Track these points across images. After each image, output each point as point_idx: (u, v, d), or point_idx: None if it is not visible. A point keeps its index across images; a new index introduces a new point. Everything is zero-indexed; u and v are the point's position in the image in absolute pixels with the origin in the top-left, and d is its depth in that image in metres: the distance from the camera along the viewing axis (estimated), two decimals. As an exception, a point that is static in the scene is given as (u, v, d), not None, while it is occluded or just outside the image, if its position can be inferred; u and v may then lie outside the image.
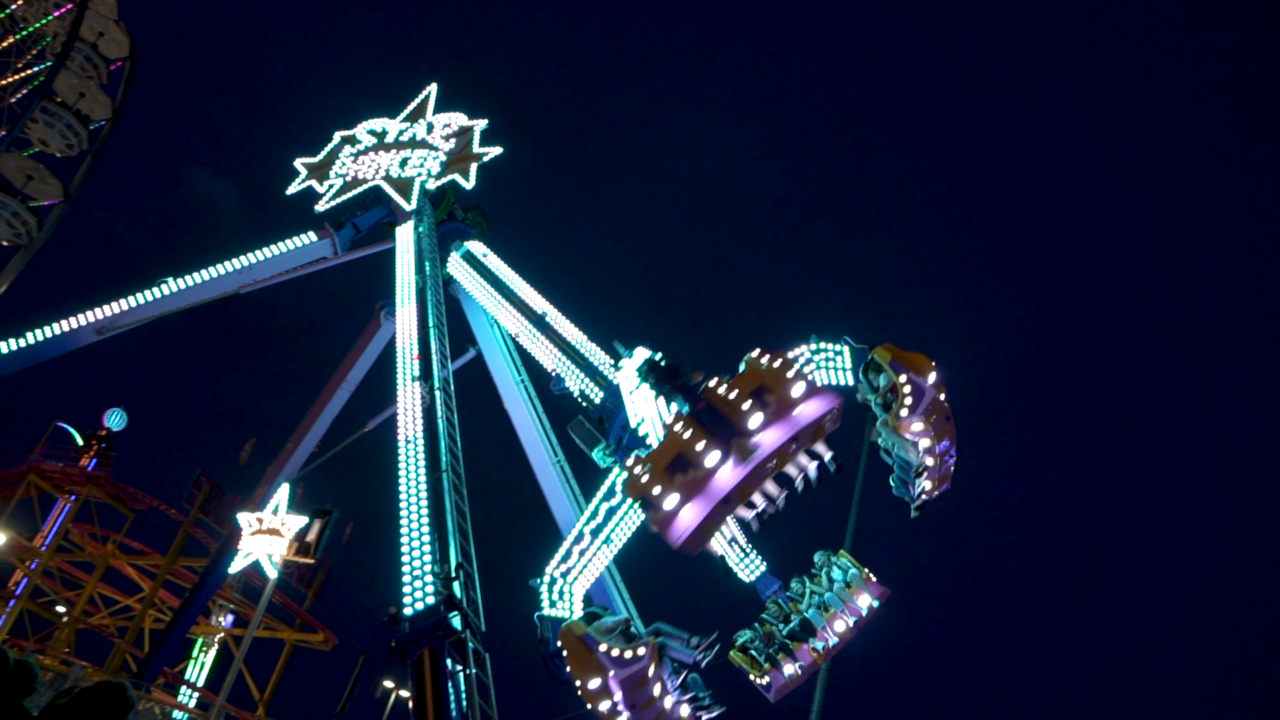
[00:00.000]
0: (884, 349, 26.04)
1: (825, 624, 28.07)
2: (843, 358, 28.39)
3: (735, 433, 19.78)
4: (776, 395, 20.54)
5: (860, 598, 27.70)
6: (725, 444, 19.61)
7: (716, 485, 19.43)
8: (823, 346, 28.65)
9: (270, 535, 25.16)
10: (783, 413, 20.47)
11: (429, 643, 19.64)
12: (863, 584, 27.87)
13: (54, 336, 32.43)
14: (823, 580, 28.83)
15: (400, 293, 31.13)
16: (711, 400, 20.62)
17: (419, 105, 38.63)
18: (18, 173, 50.99)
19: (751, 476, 19.50)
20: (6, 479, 58.37)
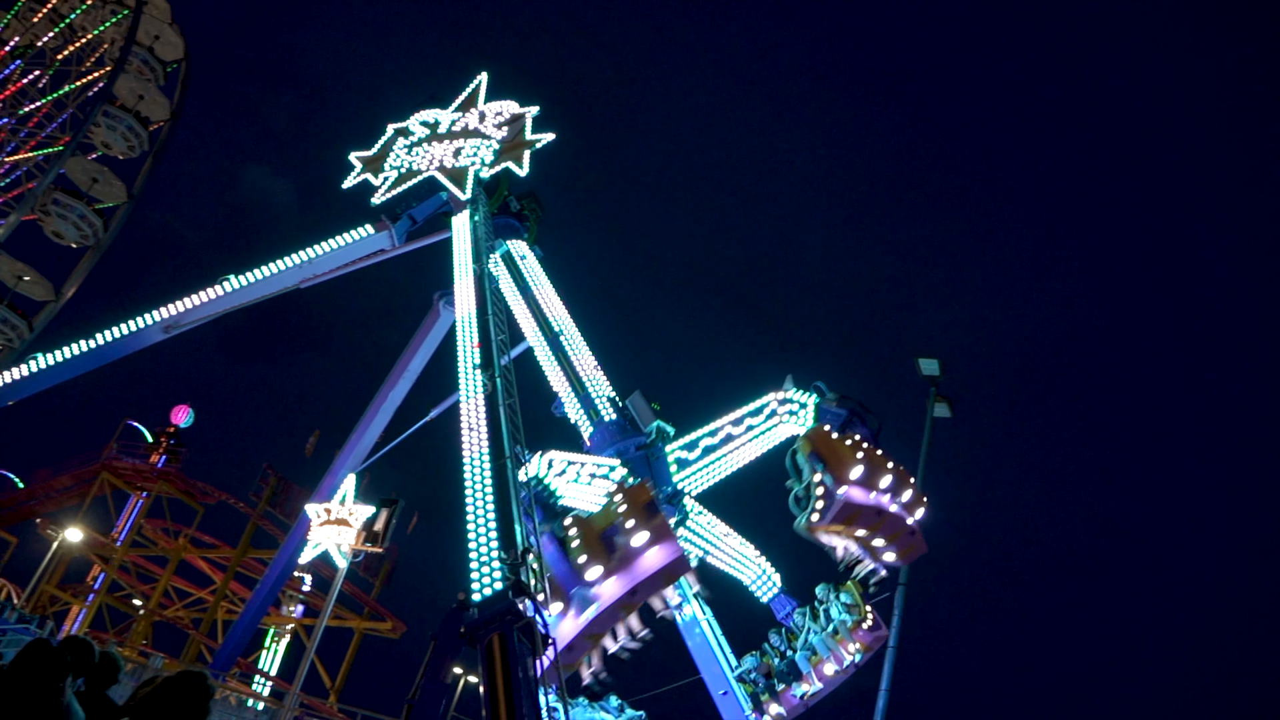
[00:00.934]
0: (807, 440, 25.86)
1: (811, 669, 27.94)
2: (806, 411, 28.36)
3: (577, 583, 21.30)
4: (621, 545, 21.41)
5: (846, 647, 27.57)
6: (565, 596, 21.24)
7: (560, 634, 21.20)
8: (790, 397, 28.58)
9: (339, 525, 25.54)
10: (623, 565, 21.31)
11: (498, 627, 19.76)
12: (849, 634, 27.68)
13: (123, 336, 33.04)
14: (820, 618, 28.63)
15: (458, 282, 31.31)
16: (561, 544, 21.36)
17: (470, 95, 38.75)
18: (83, 176, 52.05)
19: (592, 626, 20.83)
20: (82, 477, 59.69)
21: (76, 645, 8.60)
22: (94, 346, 32.82)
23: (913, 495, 26.37)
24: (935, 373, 27.65)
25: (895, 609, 28.83)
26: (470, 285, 29.93)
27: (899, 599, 27.59)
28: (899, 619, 28.23)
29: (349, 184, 38.16)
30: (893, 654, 27.68)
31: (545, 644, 19.95)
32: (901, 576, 27.42)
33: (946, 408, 27.96)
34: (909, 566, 27.43)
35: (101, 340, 32.97)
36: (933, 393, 27.44)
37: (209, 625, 57.32)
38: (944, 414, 28.42)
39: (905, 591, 29.78)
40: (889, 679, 26.86)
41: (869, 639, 27.80)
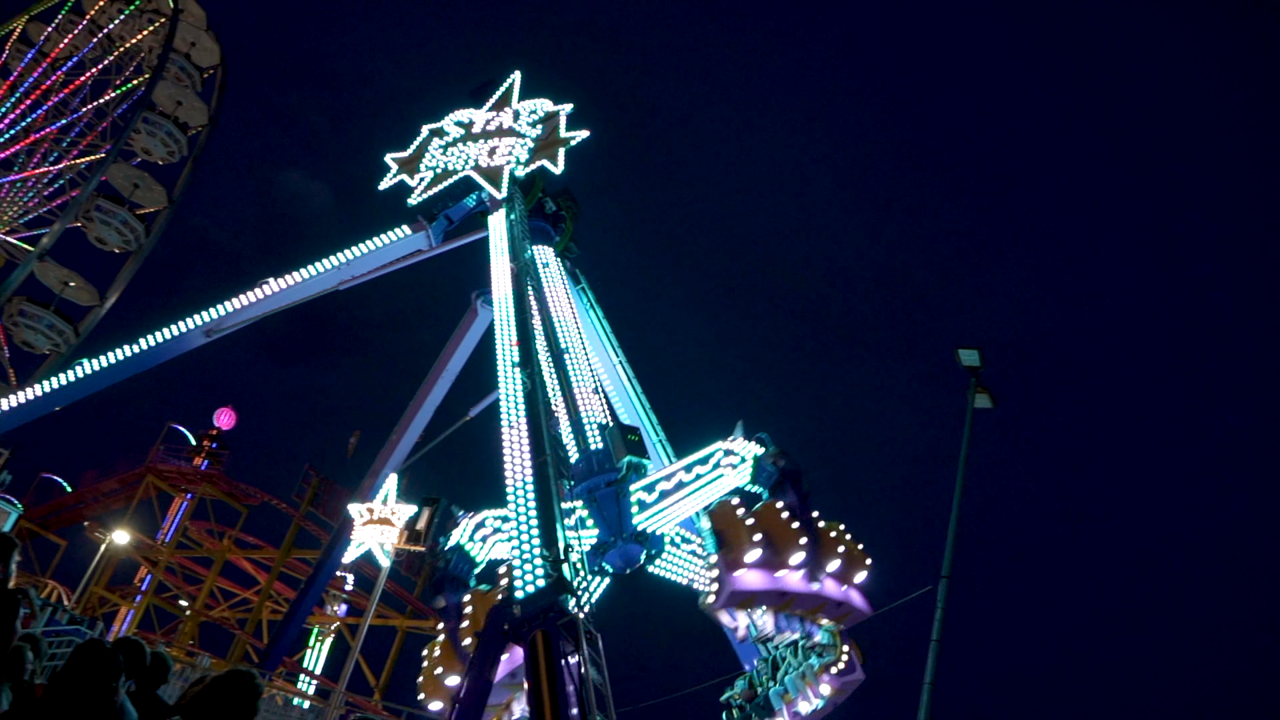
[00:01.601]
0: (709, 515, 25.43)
1: (783, 707, 27.52)
2: (746, 465, 27.91)
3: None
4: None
5: (816, 689, 27.17)
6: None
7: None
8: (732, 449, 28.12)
9: (382, 525, 25.69)
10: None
11: (541, 625, 19.85)
12: (815, 677, 27.20)
13: (166, 341, 33.42)
14: (798, 654, 28.07)
15: (496, 280, 31.41)
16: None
17: (504, 94, 38.85)
18: (125, 182, 52.71)
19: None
20: (127, 480, 60.42)
21: (129, 646, 8.70)
22: (137, 351, 33.21)
23: (843, 564, 25.64)
24: (975, 363, 27.31)
25: (938, 600, 28.59)
26: (508, 283, 30.01)
27: (941, 591, 27.36)
28: (941, 611, 27.97)
29: (385, 185, 38.33)
30: (935, 647, 27.41)
31: (589, 640, 20.02)
32: (944, 569, 27.22)
33: (988, 398, 27.63)
34: (951, 557, 27.15)
35: (145, 345, 33.36)
36: (973, 383, 27.12)
37: (254, 625, 57.83)
38: (985, 405, 28.08)
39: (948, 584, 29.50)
40: (932, 672, 26.62)
41: (838, 683, 26.92)
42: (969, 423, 27.67)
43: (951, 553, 27.73)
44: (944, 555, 28.30)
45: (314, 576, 37.84)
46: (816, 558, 25.25)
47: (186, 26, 57.07)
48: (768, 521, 25.17)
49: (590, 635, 20.58)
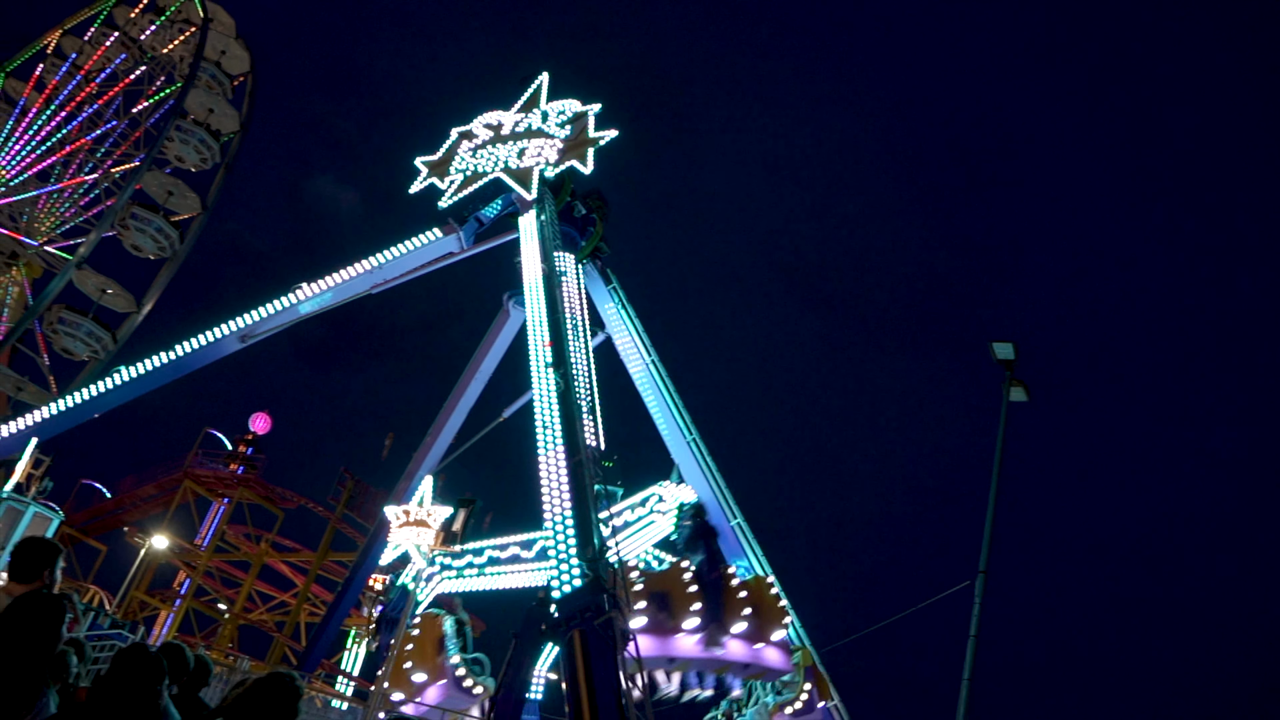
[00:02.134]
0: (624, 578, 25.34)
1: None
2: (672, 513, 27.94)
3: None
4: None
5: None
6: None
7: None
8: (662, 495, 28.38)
9: (418, 527, 25.73)
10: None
11: (579, 624, 19.90)
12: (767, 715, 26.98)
13: (201, 347, 33.72)
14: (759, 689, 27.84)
15: (528, 281, 31.45)
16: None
17: (532, 95, 38.88)
18: (159, 190, 53.22)
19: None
20: (165, 486, 61.03)
21: (172, 650, 8.79)
22: (174, 358, 33.54)
23: (753, 624, 25.19)
24: (1010, 356, 27.03)
25: (976, 596, 28.35)
26: (540, 284, 30.05)
27: (979, 586, 27.13)
28: (979, 607, 27.73)
29: (416, 188, 38.47)
30: (973, 643, 27.18)
31: (625, 639, 20.04)
32: (981, 564, 27.00)
33: (1023, 391, 27.36)
34: (988, 552, 26.89)
35: (181, 351, 33.67)
36: (1008, 377, 26.87)
37: (292, 628, 58.28)
38: (1020, 398, 27.82)
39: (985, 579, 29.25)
40: (970, 668, 26.41)
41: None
42: (1004, 416, 27.43)
43: (988, 547, 27.52)
44: (980, 550, 28.11)
45: (350, 579, 38.02)
46: (720, 619, 24.76)
47: (216, 35, 57.57)
48: (666, 584, 24.72)
49: (626, 635, 20.61)
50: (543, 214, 33.86)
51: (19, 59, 62.28)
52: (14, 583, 9.20)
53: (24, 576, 9.10)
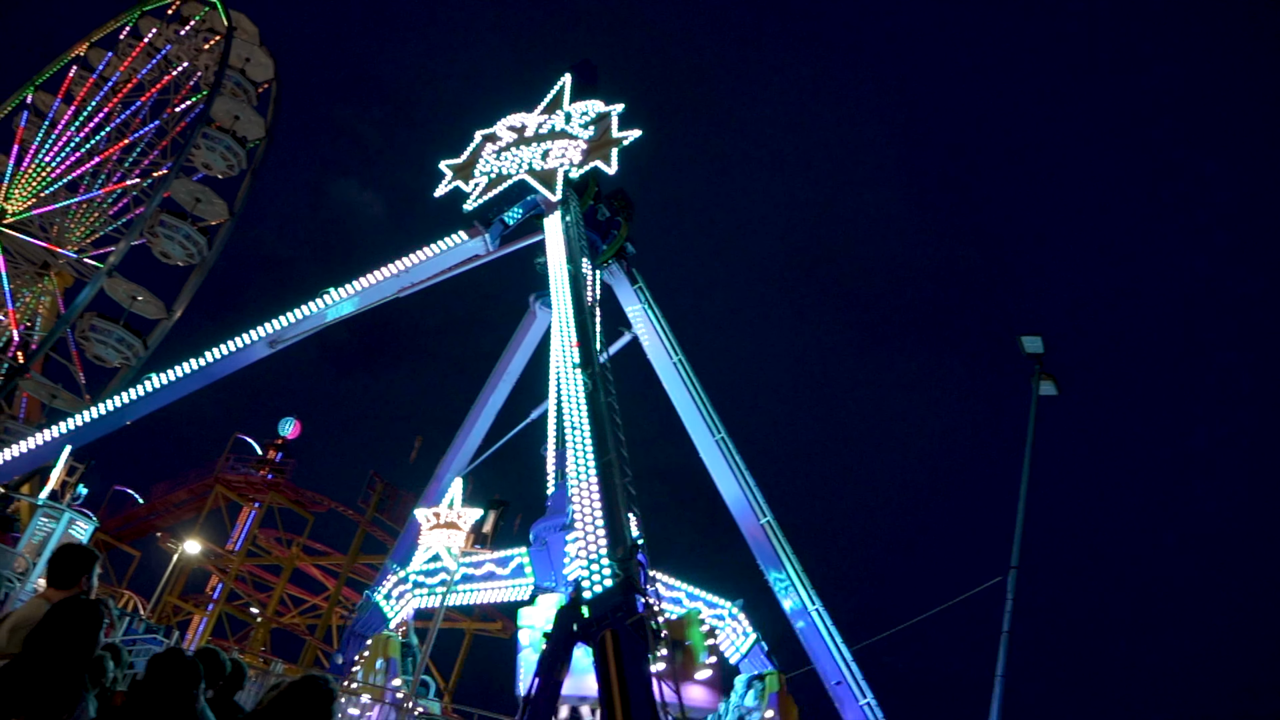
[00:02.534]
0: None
1: None
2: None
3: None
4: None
5: None
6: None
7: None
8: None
9: (448, 529, 25.88)
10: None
11: (610, 624, 19.87)
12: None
13: (231, 353, 33.93)
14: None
15: (554, 283, 31.48)
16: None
17: (555, 97, 38.92)
18: (187, 197, 53.71)
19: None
20: (197, 491, 61.60)
21: (207, 655, 8.88)
22: (204, 364, 33.77)
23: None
24: (1039, 349, 26.84)
25: (1008, 592, 28.19)
26: (566, 285, 30.06)
27: (1011, 582, 26.96)
28: (1011, 603, 27.57)
29: (440, 192, 38.58)
30: (1006, 639, 27.02)
31: (658, 639, 20.01)
32: (1012, 559, 26.82)
33: (1053, 385, 27.17)
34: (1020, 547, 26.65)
35: (210, 358, 33.90)
36: (1037, 370, 26.69)
37: (324, 631, 58.70)
38: (1050, 391, 27.62)
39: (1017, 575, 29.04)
40: (1004, 665, 26.26)
41: None
42: (1034, 410, 27.26)
43: (1019, 542, 27.37)
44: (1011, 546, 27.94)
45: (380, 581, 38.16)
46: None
47: (240, 43, 57.98)
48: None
49: (658, 634, 20.59)
50: (568, 215, 33.89)
51: (47, 72, 62.98)
52: (52, 588, 9.34)
53: (63, 582, 9.26)
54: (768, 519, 31.97)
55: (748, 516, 32.04)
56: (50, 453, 32.89)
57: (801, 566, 31.51)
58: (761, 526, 31.84)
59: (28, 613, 8.81)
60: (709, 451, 33.13)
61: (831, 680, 29.89)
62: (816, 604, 31.06)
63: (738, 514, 32.57)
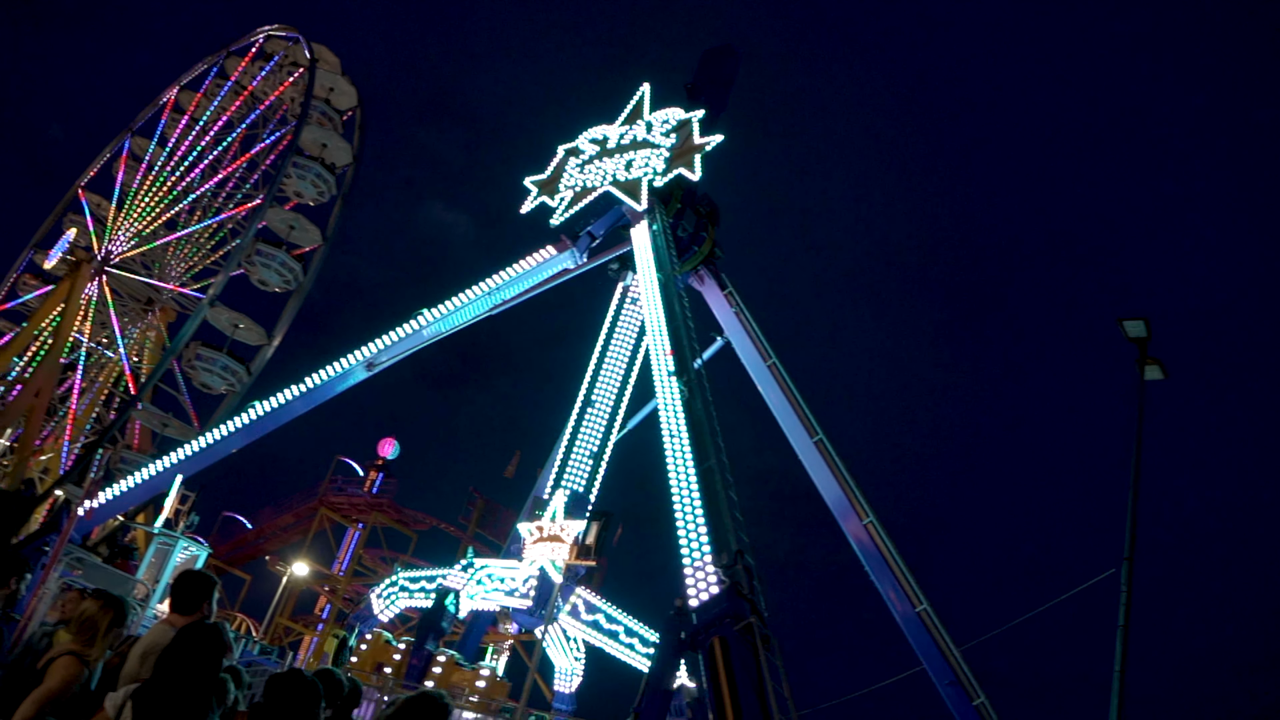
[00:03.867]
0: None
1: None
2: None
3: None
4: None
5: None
6: None
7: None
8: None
9: (552, 542, 26.01)
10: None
11: (718, 631, 19.79)
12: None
13: (331, 377, 34.55)
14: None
15: (644, 293, 31.51)
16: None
17: (635, 107, 38.96)
18: (281, 225, 55.10)
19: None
20: (302, 514, 62.88)
21: (325, 674, 8.99)
22: (306, 389, 34.45)
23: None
24: (1142, 334, 26.04)
25: (1123, 584, 27.42)
26: (657, 294, 30.06)
27: (1124, 574, 26.22)
28: (1126, 595, 26.79)
29: (527, 208, 38.83)
30: (1123, 634, 26.28)
31: (767, 643, 19.87)
32: (1125, 550, 26.06)
33: (1159, 369, 26.31)
34: (1132, 538, 25.81)
35: (311, 383, 34.56)
36: (1142, 355, 25.93)
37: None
38: (1156, 376, 26.76)
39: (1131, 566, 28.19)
40: (1121, 660, 25.55)
41: None
42: (1141, 396, 26.48)
43: (1132, 533, 26.54)
44: (1125, 536, 27.13)
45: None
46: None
47: (323, 73, 59.32)
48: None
49: (767, 639, 20.44)
50: (654, 224, 33.90)
51: (142, 117, 65.32)
52: (176, 614, 9.57)
53: (185, 608, 9.50)
54: (870, 519, 31.52)
55: (850, 517, 31.63)
56: (163, 482, 33.84)
57: (907, 566, 31.02)
58: (865, 527, 31.40)
59: (155, 638, 9.02)
60: (808, 454, 32.76)
61: (943, 680, 29.33)
62: (924, 603, 30.53)
63: (840, 515, 32.15)
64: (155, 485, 34.38)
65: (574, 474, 33.38)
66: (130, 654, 9.41)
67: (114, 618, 8.82)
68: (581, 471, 33.49)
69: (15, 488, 45.62)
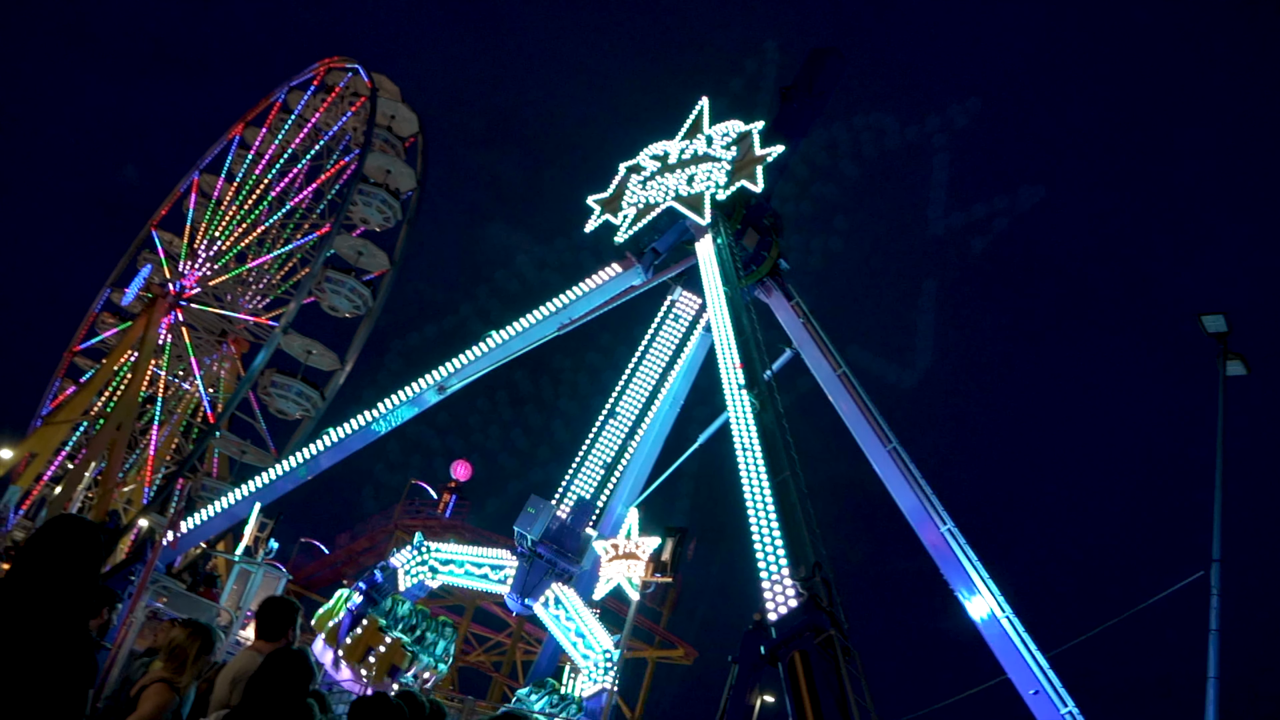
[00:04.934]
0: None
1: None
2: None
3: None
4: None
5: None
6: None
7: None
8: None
9: (627, 559, 25.94)
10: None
11: (798, 645, 19.63)
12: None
13: (404, 402, 34.86)
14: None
15: (711, 305, 31.46)
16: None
17: (694, 121, 38.96)
18: (349, 251, 56.11)
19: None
20: (377, 539, 63.50)
21: (408, 697, 9.10)
22: (381, 414, 34.80)
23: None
24: (1222, 329, 25.43)
25: (1212, 587, 26.70)
26: (724, 307, 29.98)
27: (1214, 576, 25.53)
28: (1217, 599, 26.11)
29: (590, 227, 38.95)
30: (1215, 638, 25.59)
31: (848, 656, 19.68)
32: (1214, 551, 25.40)
33: (1240, 364, 25.64)
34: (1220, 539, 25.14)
35: (383, 408, 34.91)
36: (1222, 350, 25.31)
37: (509, 667, 59.60)
38: (1239, 371, 26.08)
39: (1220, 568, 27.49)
40: (1215, 665, 24.89)
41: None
42: (1222, 391, 25.85)
43: (1219, 533, 25.86)
44: (1212, 538, 26.44)
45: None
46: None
47: (384, 101, 60.38)
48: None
49: (848, 651, 20.24)
50: (719, 237, 33.85)
51: (209, 155, 66.97)
52: (262, 640, 9.75)
53: (271, 634, 9.69)
54: (948, 526, 31.10)
55: (927, 525, 31.22)
56: (242, 510, 34.39)
57: (988, 572, 30.53)
58: (942, 534, 30.99)
59: (243, 664, 9.17)
60: (882, 462, 32.43)
61: (1028, 690, 28.79)
62: (1006, 611, 30.02)
63: (916, 523, 31.75)
64: (235, 513, 34.96)
65: (584, 481, 33.96)
66: (218, 681, 9.58)
67: (202, 645, 8.98)
68: (592, 479, 34.08)
69: (100, 520, 46.66)
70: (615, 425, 34.74)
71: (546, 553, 31.59)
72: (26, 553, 5.08)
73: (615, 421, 34.78)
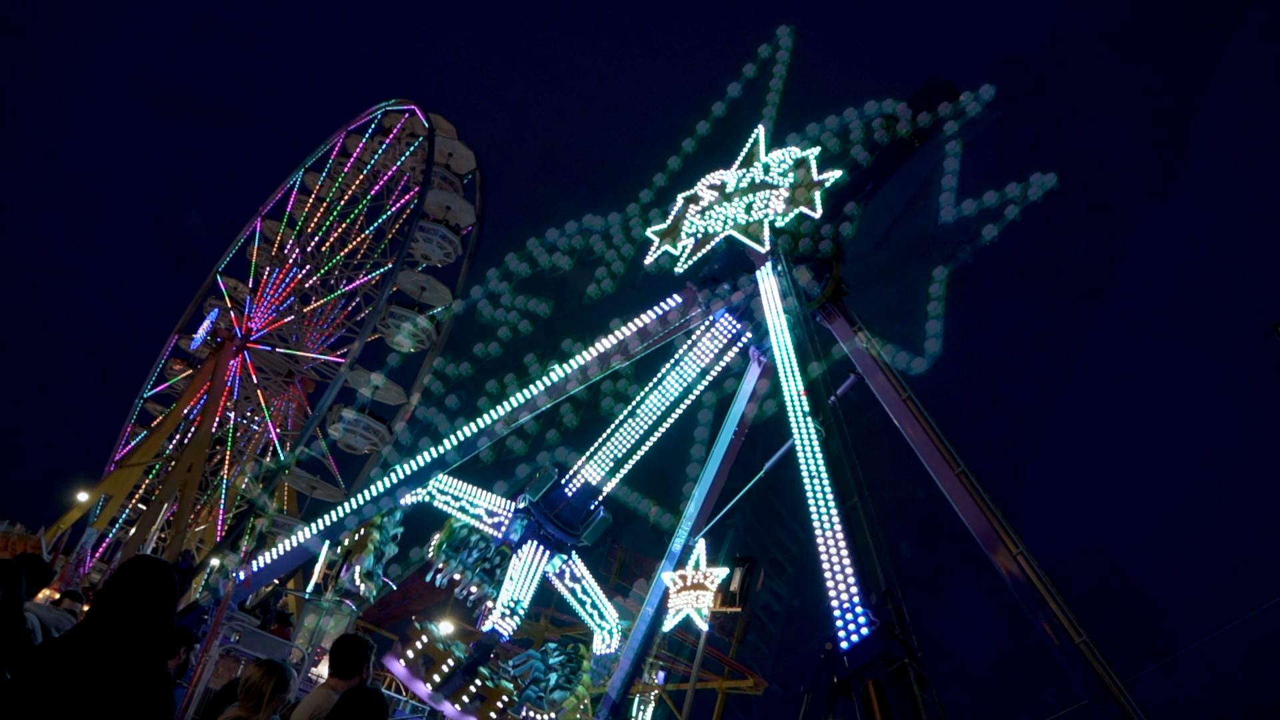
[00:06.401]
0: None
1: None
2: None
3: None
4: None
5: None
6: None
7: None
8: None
9: (696, 590, 25.83)
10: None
11: (871, 673, 19.36)
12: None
13: (471, 436, 35.08)
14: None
15: (773, 334, 31.31)
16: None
17: (750, 150, 38.91)
18: (412, 287, 56.97)
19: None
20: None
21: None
22: (442, 452, 34.96)
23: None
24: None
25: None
26: (786, 334, 29.85)
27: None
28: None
29: (650, 259, 38.94)
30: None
31: (923, 684, 19.36)
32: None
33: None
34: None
35: (450, 444, 35.08)
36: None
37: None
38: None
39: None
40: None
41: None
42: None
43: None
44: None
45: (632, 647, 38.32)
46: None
47: (441, 140, 61.41)
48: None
49: (923, 679, 19.91)
50: (778, 265, 33.74)
51: (270, 200, 68.44)
52: (336, 678, 9.81)
53: (346, 672, 9.75)
54: (1021, 550, 30.52)
55: (1000, 549, 30.66)
56: (313, 546, 34.68)
57: (1064, 598, 29.90)
58: (1015, 558, 30.43)
59: (319, 702, 9.22)
60: (951, 486, 31.96)
61: (1111, 716, 28.12)
62: (1083, 635, 29.38)
63: (988, 548, 31.23)
64: (305, 551, 35.23)
65: (593, 470, 34.74)
66: (294, 718, 9.63)
67: (277, 684, 9.02)
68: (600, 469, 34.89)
69: (175, 560, 47.41)
70: (633, 425, 34.81)
71: (537, 514, 32.85)
72: (105, 595, 5.16)
73: (634, 421, 34.77)
